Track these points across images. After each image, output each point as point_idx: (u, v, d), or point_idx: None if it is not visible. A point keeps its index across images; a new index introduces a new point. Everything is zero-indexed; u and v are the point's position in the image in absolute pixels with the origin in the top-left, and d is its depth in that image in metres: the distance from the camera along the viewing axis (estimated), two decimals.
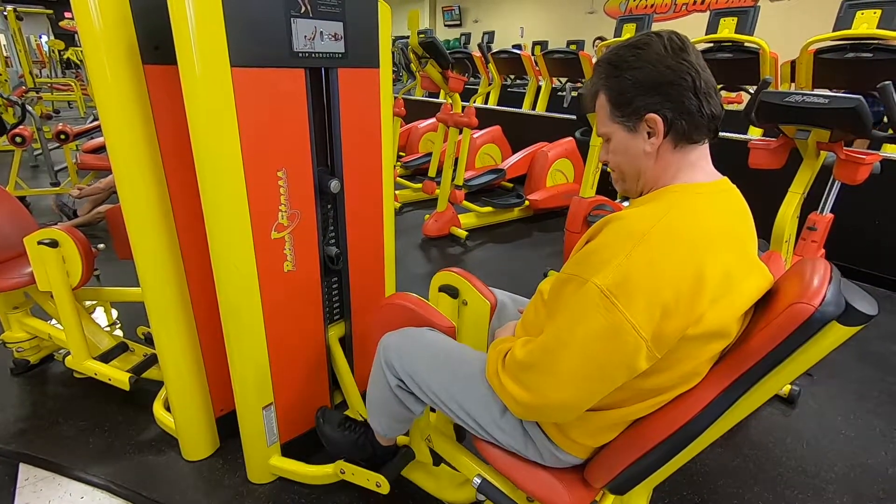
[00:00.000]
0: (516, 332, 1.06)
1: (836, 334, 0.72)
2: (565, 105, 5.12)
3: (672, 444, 0.84)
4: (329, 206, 1.41)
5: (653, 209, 0.80)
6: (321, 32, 1.16)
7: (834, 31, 2.94)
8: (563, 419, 0.90)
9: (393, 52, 5.22)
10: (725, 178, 0.87)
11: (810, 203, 1.98)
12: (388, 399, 1.14)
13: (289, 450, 1.48)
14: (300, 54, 1.14)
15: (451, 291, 1.22)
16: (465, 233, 3.60)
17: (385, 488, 1.31)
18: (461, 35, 8.71)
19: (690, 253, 0.74)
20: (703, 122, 0.81)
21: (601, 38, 5.98)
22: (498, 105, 5.73)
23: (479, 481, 1.07)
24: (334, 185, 1.32)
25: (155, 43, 1.15)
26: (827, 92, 1.74)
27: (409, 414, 1.15)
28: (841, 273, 0.79)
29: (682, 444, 0.84)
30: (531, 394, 0.83)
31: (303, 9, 1.11)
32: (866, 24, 2.84)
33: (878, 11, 2.81)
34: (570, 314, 0.78)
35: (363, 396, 1.32)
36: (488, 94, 6.02)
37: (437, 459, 1.36)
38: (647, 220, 0.77)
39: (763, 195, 2.30)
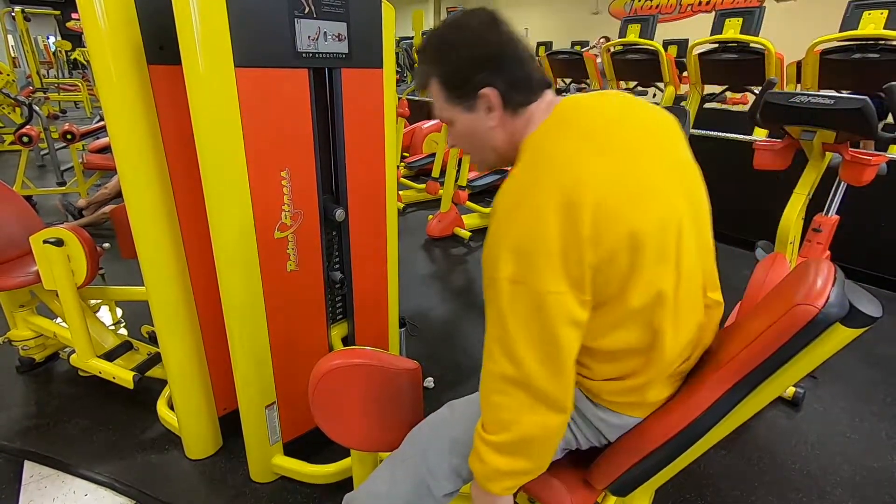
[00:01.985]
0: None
1: (839, 336, 0.71)
2: None
3: (675, 446, 0.83)
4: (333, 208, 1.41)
5: (519, 170, 0.77)
6: (325, 33, 1.17)
7: (840, 31, 2.93)
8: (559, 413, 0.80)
9: (397, 53, 5.24)
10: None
11: (816, 204, 1.97)
12: None
13: (291, 449, 1.48)
14: (304, 54, 1.14)
15: None
16: (469, 233, 3.59)
17: None
18: None
19: (557, 192, 0.70)
20: (533, 85, 0.81)
21: (606, 38, 5.95)
22: None
23: None
24: (339, 213, 1.34)
25: (160, 43, 1.16)
26: (833, 93, 1.73)
27: None
28: (846, 275, 0.79)
29: (684, 446, 0.83)
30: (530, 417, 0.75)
31: (306, 9, 1.11)
32: (873, 24, 2.83)
33: (885, 12, 2.79)
34: (506, 313, 0.73)
35: None
36: None
37: None
38: (516, 184, 0.74)
39: (768, 196, 2.30)
